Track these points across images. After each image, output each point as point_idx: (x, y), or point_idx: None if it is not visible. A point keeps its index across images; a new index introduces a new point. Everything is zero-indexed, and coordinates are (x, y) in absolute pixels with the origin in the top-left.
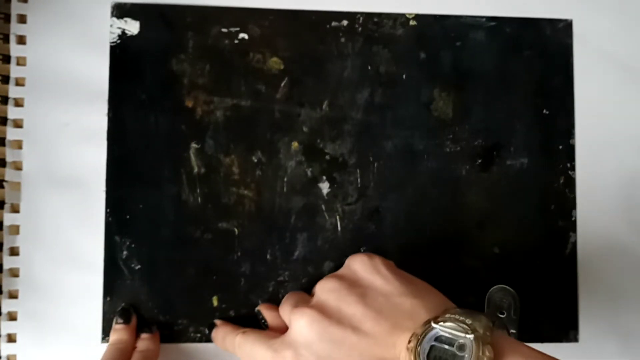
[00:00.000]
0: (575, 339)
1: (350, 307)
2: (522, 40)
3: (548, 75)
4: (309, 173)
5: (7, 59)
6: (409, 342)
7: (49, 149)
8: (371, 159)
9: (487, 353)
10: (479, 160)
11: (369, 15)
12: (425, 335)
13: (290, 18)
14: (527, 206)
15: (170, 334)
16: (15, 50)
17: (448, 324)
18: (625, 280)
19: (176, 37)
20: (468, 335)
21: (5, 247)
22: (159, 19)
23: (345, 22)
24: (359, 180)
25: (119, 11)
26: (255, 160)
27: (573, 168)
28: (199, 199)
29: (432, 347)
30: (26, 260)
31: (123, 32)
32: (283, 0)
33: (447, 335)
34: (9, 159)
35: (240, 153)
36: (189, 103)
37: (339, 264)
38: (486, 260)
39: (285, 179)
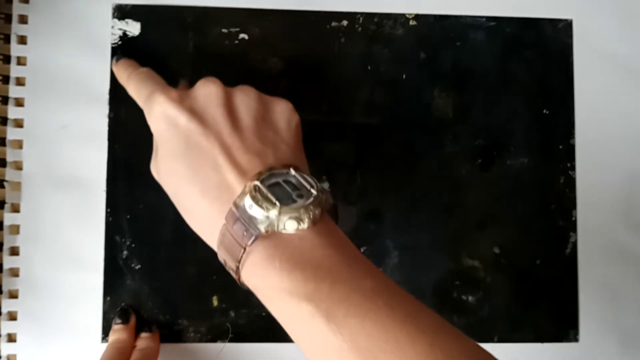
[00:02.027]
0: (575, 338)
1: (223, 120)
2: (522, 40)
3: (548, 75)
4: None
5: (7, 59)
6: (260, 173)
7: (49, 149)
8: (371, 159)
9: (317, 212)
10: (479, 160)
11: (369, 16)
12: (277, 172)
13: (290, 18)
14: (527, 206)
15: (170, 334)
16: (15, 50)
17: (299, 173)
18: (626, 279)
19: (177, 37)
20: (313, 190)
21: (6, 247)
22: (160, 20)
23: (345, 22)
24: (359, 180)
25: (120, 12)
26: None
27: (573, 168)
28: None
29: (276, 182)
30: (26, 260)
31: (124, 33)
32: (283, 1)
33: (298, 179)
34: (9, 158)
35: None
36: None
37: None
38: (486, 260)
39: None
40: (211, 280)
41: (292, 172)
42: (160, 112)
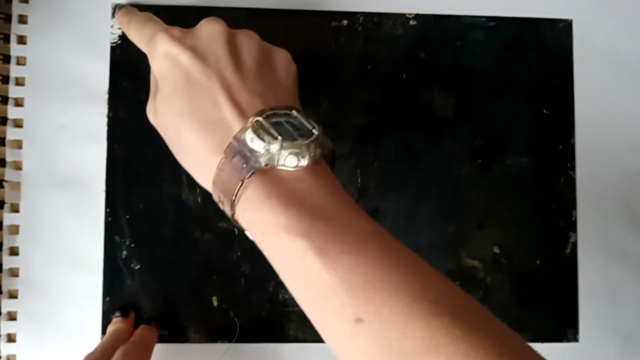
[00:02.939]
0: (575, 338)
1: (226, 58)
2: (522, 40)
3: (548, 75)
4: None
5: (7, 59)
6: (262, 111)
7: (49, 149)
8: (371, 158)
9: (317, 152)
10: (479, 160)
11: (369, 15)
12: (280, 112)
13: (290, 18)
14: (527, 206)
15: (170, 334)
16: (15, 50)
17: (301, 114)
18: (626, 279)
19: None
20: (315, 131)
21: (5, 247)
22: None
23: (345, 22)
24: (359, 180)
25: None
26: None
27: (573, 168)
28: (199, 199)
29: (277, 122)
30: (26, 260)
31: (123, 33)
32: (283, 1)
33: (300, 120)
34: (9, 158)
35: None
36: None
37: None
38: (486, 260)
39: None
40: (211, 280)
41: (294, 113)
42: (163, 50)
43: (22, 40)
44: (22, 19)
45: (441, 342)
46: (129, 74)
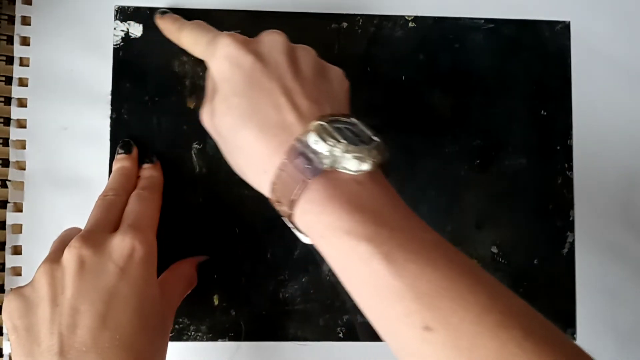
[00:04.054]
0: (572, 337)
1: (286, 63)
2: (520, 41)
3: (546, 77)
4: None
5: (10, 60)
6: (323, 116)
7: (52, 149)
8: None
9: (379, 157)
10: (478, 161)
11: (368, 18)
12: (340, 119)
13: (290, 20)
14: (525, 206)
15: (170, 333)
16: (18, 51)
17: (361, 122)
18: (623, 279)
19: None
20: (376, 138)
21: (8, 246)
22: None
23: (344, 24)
24: None
25: (122, 14)
26: None
27: (571, 168)
28: (200, 199)
29: (338, 127)
30: (29, 259)
31: (126, 35)
32: (283, 3)
33: (360, 127)
34: (12, 158)
35: None
36: (191, 104)
37: None
38: (484, 259)
39: None
40: (212, 279)
41: (354, 120)
42: (226, 52)
43: (25, 41)
44: (26, 21)
45: (512, 354)
46: (131, 75)
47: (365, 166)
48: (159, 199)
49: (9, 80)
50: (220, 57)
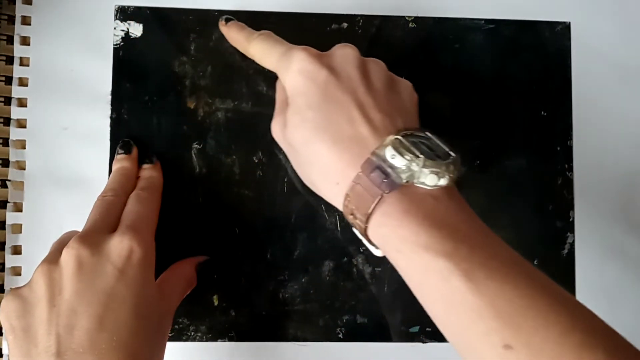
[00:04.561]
0: None
1: (359, 77)
2: (521, 42)
3: (546, 77)
4: None
5: (10, 60)
6: (399, 130)
7: (52, 149)
8: None
9: (456, 173)
10: (478, 161)
11: (369, 18)
12: (415, 133)
13: (291, 21)
14: (525, 207)
15: (170, 333)
16: (18, 50)
17: (436, 136)
18: (623, 280)
19: (178, 39)
20: (452, 153)
21: (8, 246)
22: (162, 22)
23: (345, 25)
24: None
25: (122, 14)
26: (256, 161)
27: (571, 169)
28: (200, 199)
29: (413, 141)
30: (28, 259)
31: (126, 35)
32: (284, 3)
33: (435, 142)
34: (12, 158)
35: (241, 154)
36: (191, 104)
37: (339, 263)
38: None
39: (285, 179)
40: (211, 279)
41: (429, 134)
42: (300, 67)
43: (25, 41)
44: (26, 20)
45: None
46: (131, 75)
47: (443, 181)
48: (158, 199)
49: (9, 80)
50: (295, 70)
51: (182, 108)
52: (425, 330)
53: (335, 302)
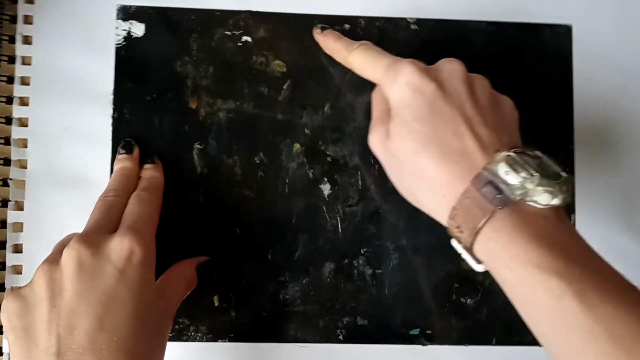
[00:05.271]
0: None
1: (466, 92)
2: (522, 45)
3: (548, 80)
4: (310, 175)
5: (12, 59)
6: (511, 146)
7: (53, 148)
8: (372, 161)
9: (569, 193)
10: None
11: (370, 20)
12: (526, 150)
13: (293, 22)
14: None
15: (170, 333)
16: (20, 50)
17: (547, 155)
18: None
19: (180, 39)
20: (563, 173)
21: (9, 245)
22: (164, 22)
23: (347, 26)
24: (359, 182)
25: (124, 14)
26: (258, 162)
27: (572, 172)
28: (201, 199)
29: (525, 159)
30: (29, 258)
31: (128, 34)
32: (286, 4)
33: (545, 160)
34: (13, 157)
35: (242, 154)
36: (193, 104)
37: (340, 265)
38: None
39: (286, 180)
40: (212, 279)
41: (539, 153)
42: (408, 79)
43: (27, 40)
44: (28, 20)
45: None
46: (133, 75)
47: (556, 201)
48: (159, 200)
49: (11, 79)
50: (403, 83)
51: (184, 108)
52: (425, 332)
53: (336, 304)
